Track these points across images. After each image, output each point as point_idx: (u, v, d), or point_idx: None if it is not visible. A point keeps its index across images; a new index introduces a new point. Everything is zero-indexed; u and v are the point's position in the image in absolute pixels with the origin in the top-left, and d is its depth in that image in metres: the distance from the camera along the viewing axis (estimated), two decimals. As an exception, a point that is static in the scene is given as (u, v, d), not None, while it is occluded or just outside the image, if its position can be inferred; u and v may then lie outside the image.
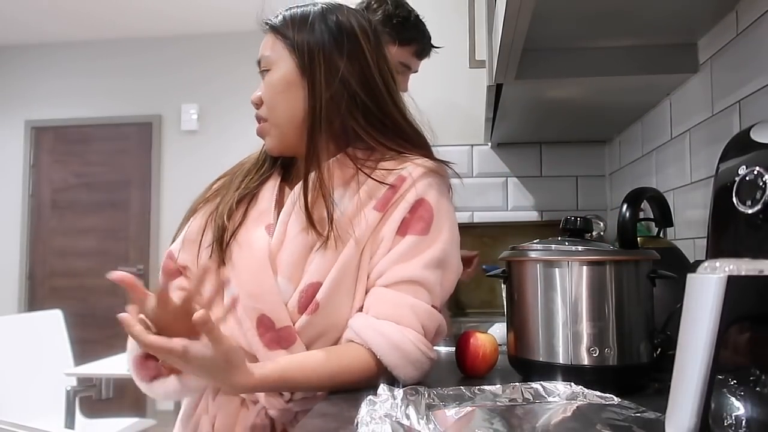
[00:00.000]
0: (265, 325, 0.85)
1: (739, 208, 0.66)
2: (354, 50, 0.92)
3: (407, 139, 0.95)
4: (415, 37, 1.51)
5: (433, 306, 0.88)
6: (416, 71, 1.57)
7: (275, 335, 0.84)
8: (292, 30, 0.94)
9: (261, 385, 0.77)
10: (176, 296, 0.74)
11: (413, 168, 0.90)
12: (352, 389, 0.80)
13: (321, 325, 0.86)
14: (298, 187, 0.91)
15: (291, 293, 0.86)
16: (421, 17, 1.53)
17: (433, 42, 1.57)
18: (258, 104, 0.95)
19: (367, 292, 0.88)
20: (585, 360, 0.79)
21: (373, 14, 1.42)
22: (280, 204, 0.94)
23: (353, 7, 0.99)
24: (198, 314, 0.68)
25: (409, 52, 1.50)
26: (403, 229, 0.88)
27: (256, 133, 0.96)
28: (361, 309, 0.88)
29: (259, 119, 0.95)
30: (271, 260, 0.88)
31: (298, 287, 0.86)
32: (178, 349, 0.70)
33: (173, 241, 0.97)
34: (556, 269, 0.81)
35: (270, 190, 0.96)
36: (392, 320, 0.84)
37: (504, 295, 1.15)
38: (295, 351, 0.84)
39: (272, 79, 0.93)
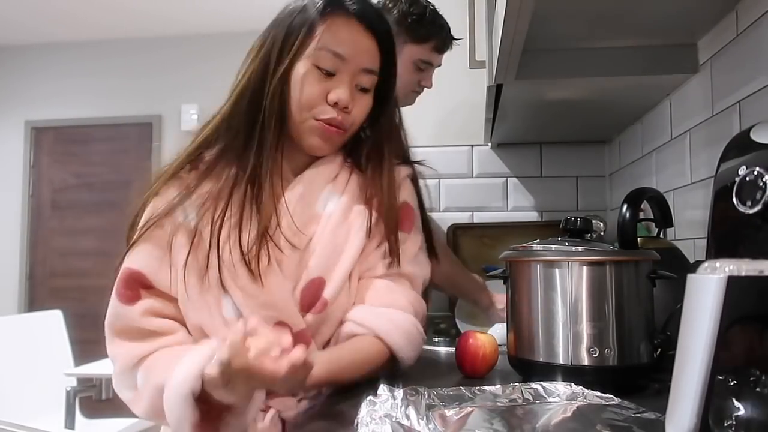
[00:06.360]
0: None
1: (739, 209, 0.66)
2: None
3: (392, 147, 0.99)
4: (433, 33, 1.50)
5: None
6: (440, 65, 1.56)
7: (293, 339, 0.82)
8: (393, 55, 0.93)
9: (311, 386, 0.77)
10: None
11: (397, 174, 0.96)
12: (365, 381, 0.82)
13: (325, 323, 0.86)
14: (297, 186, 0.90)
15: (291, 291, 0.86)
16: (438, 10, 1.52)
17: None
18: (347, 110, 0.89)
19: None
20: (585, 360, 0.79)
21: (388, 14, 1.41)
22: None
23: None
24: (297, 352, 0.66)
25: (427, 49, 1.49)
26: None
27: (328, 134, 0.89)
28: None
29: (339, 125, 0.89)
30: None
31: (298, 285, 0.86)
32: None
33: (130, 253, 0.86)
34: (556, 269, 0.81)
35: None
36: (391, 307, 0.88)
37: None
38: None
39: (368, 104, 0.92)
